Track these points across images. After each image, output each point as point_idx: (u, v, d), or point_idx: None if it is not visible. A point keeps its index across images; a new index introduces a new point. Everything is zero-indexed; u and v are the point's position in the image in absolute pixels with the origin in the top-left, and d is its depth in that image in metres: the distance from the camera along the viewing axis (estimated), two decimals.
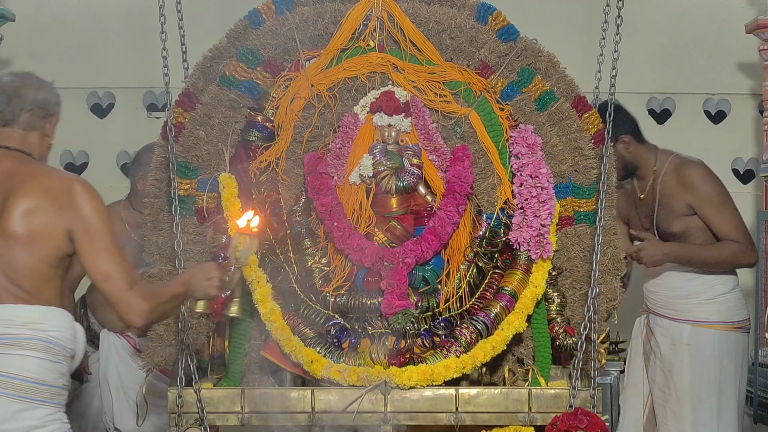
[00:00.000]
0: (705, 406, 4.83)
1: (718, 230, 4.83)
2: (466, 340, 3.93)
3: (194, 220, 4.09)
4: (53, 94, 3.58)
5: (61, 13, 7.06)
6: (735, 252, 4.83)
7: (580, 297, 4.10)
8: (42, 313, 3.32)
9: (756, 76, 6.99)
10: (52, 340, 3.31)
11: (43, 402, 3.31)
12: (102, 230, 3.34)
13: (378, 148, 4.07)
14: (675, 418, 4.86)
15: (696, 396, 4.83)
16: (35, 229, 3.31)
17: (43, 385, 3.30)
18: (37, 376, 3.29)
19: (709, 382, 4.84)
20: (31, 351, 3.29)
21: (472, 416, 3.87)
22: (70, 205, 3.32)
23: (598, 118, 4.12)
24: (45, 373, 3.31)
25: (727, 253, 4.83)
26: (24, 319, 3.31)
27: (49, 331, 3.31)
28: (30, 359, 3.29)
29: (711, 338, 4.86)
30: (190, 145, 4.08)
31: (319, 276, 4.03)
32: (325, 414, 3.85)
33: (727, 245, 4.83)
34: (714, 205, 4.82)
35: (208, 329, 4.07)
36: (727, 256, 4.83)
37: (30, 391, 3.29)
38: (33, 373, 3.29)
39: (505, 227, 4.08)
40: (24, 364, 3.28)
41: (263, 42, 4.09)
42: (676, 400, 4.85)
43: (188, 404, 3.82)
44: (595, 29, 4.09)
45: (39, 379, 3.29)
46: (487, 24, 4.11)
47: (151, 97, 7.07)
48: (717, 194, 4.83)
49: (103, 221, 3.36)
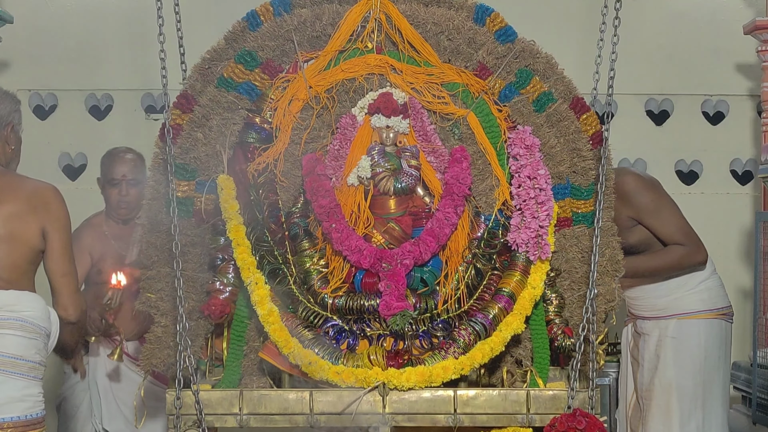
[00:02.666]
0: (690, 397, 4.83)
1: (662, 237, 4.80)
2: (464, 341, 3.93)
3: (192, 221, 4.09)
4: (7, 104, 4.04)
5: (59, 16, 7.07)
6: (681, 255, 4.80)
7: (579, 298, 4.10)
8: (17, 296, 3.81)
9: (754, 77, 7.00)
10: (26, 319, 3.78)
11: (22, 375, 3.76)
12: (68, 232, 3.95)
13: (376, 150, 4.07)
14: (661, 411, 4.86)
15: (681, 387, 4.84)
16: (15, 230, 3.84)
17: (20, 360, 3.76)
18: (14, 351, 3.75)
19: (694, 372, 4.83)
20: (9, 330, 3.75)
21: (471, 417, 3.87)
22: (45, 208, 3.88)
23: (596, 120, 4.12)
24: (21, 349, 3.76)
25: (672, 258, 4.80)
26: (1, 302, 3.77)
27: (23, 312, 3.78)
28: (8, 337, 3.75)
29: (696, 329, 4.85)
30: (188, 147, 4.08)
31: (318, 277, 4.03)
32: (324, 415, 3.85)
33: (672, 250, 4.80)
34: (651, 213, 4.78)
35: (206, 331, 4.07)
36: (673, 260, 4.80)
37: (8, 365, 3.74)
38: (11, 349, 3.75)
39: (503, 228, 4.08)
40: (3, 341, 3.74)
41: (261, 44, 4.09)
42: (662, 394, 4.86)
43: (186, 406, 3.82)
44: (593, 30, 4.09)
45: (16, 354, 3.75)
46: (485, 25, 4.11)
47: (150, 99, 7.08)
48: (651, 201, 4.78)
49: (68, 225, 3.95)
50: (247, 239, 3.99)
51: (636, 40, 6.97)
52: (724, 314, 4.92)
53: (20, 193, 3.88)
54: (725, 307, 4.94)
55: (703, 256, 4.84)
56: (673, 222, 4.81)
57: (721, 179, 7.30)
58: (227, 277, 4.02)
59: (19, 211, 3.85)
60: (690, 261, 4.83)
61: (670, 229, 4.79)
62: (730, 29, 6.93)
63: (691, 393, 4.84)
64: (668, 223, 4.80)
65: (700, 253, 4.83)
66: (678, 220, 4.83)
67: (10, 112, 4.04)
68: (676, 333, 4.86)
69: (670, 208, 4.84)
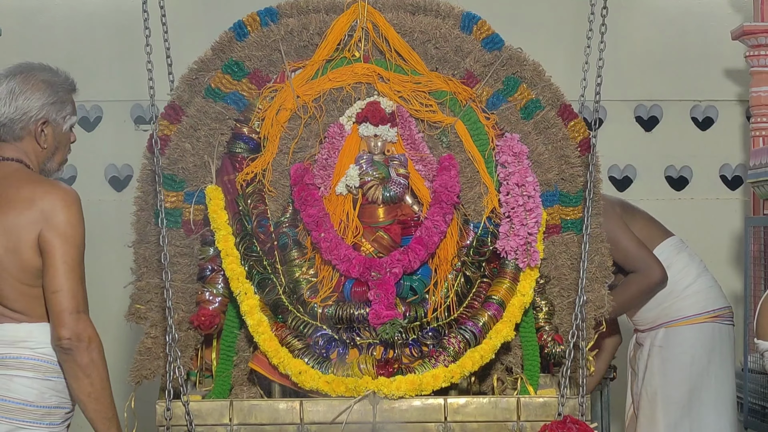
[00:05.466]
0: (676, 406, 4.78)
1: (622, 266, 4.72)
2: (454, 349, 3.93)
3: (181, 232, 4.09)
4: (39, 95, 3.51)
5: (47, 27, 7.06)
6: (637, 283, 4.71)
7: (568, 305, 4.10)
8: (28, 330, 3.32)
9: (743, 83, 7.01)
10: (40, 357, 3.31)
11: (31, 423, 3.31)
12: (70, 243, 3.35)
13: (364, 159, 4.07)
14: (647, 421, 4.83)
15: (666, 397, 4.79)
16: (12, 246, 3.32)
17: (31, 405, 3.30)
18: (24, 396, 3.29)
19: (680, 380, 4.77)
20: (18, 371, 3.29)
21: (461, 425, 3.87)
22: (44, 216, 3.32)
23: (584, 126, 4.13)
24: (33, 394, 3.29)
25: (630, 290, 4.71)
26: (11, 338, 3.30)
27: (37, 348, 3.31)
28: (16, 379, 3.29)
29: (681, 336, 4.78)
30: (176, 158, 4.07)
31: (307, 287, 4.03)
32: (314, 425, 3.84)
33: (628, 282, 4.72)
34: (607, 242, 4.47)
35: (195, 342, 4.07)
36: (632, 292, 4.72)
37: (17, 412, 3.28)
38: (19, 394, 3.29)
39: (492, 236, 4.08)
40: (9, 385, 3.29)
41: (248, 54, 4.09)
42: (648, 404, 4.83)
43: (176, 417, 3.82)
44: (580, 37, 4.10)
45: (26, 400, 3.29)
46: (472, 33, 4.12)
47: (139, 110, 7.07)
48: (607, 230, 4.32)
49: (72, 235, 3.36)
50: (236, 249, 3.99)
51: (625, 46, 6.98)
52: (717, 316, 4.82)
53: (23, 203, 3.32)
54: (718, 309, 4.83)
55: (656, 274, 4.71)
56: (626, 248, 4.67)
57: (711, 185, 7.31)
58: (216, 287, 4.02)
59: (17, 223, 3.30)
60: (648, 284, 4.72)
61: (626, 258, 4.66)
62: (719, 35, 6.94)
63: (677, 402, 4.78)
64: (623, 252, 4.65)
65: (652, 273, 4.71)
66: (631, 246, 4.69)
67: (43, 105, 3.45)
68: (663, 342, 4.82)
69: (620, 234, 4.67)
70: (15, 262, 3.29)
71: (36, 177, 3.44)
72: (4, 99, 3.46)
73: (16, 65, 3.54)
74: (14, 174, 3.40)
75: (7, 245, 3.29)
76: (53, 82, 3.50)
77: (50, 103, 3.47)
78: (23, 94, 3.46)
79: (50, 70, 3.53)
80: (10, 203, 3.32)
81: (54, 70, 3.53)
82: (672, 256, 4.82)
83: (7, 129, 3.46)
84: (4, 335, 3.31)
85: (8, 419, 3.27)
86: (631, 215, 4.84)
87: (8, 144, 3.46)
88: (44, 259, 3.28)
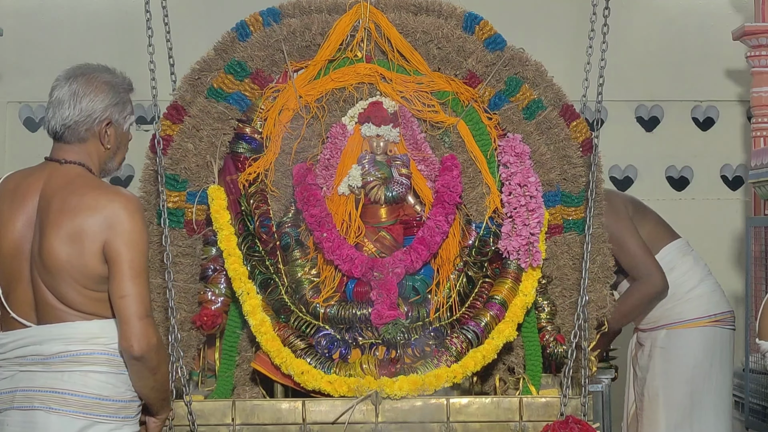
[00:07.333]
0: (678, 407, 4.78)
1: (626, 270, 4.71)
2: (456, 349, 3.93)
3: (184, 232, 4.09)
4: (103, 97, 3.49)
5: (49, 27, 7.07)
6: (639, 290, 4.71)
7: (570, 305, 4.10)
8: (100, 326, 3.31)
9: (743, 83, 7.02)
10: (112, 351, 3.30)
11: (108, 417, 3.30)
12: (135, 248, 3.31)
13: (367, 159, 4.07)
14: (649, 422, 4.83)
15: (668, 398, 4.79)
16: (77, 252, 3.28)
17: (106, 400, 3.30)
18: (99, 391, 3.29)
19: (682, 382, 4.78)
20: (92, 366, 3.29)
21: (464, 425, 3.87)
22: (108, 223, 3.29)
23: (586, 127, 4.13)
24: (108, 388, 3.30)
25: (631, 300, 4.71)
26: (84, 334, 3.30)
27: (110, 344, 3.31)
28: (91, 375, 3.29)
29: (684, 338, 4.79)
30: (178, 158, 4.08)
31: (309, 287, 4.03)
32: (316, 425, 3.85)
33: (632, 289, 4.72)
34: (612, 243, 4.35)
35: (198, 342, 4.07)
36: (635, 299, 4.72)
37: (93, 407, 3.28)
38: (95, 389, 3.29)
39: (494, 236, 4.08)
40: (85, 380, 3.28)
41: (251, 54, 4.10)
42: (649, 405, 4.83)
43: (179, 417, 3.81)
44: (582, 37, 4.10)
45: (101, 395, 3.29)
46: (474, 34, 4.12)
47: (140, 110, 7.06)
48: (610, 233, 4.29)
49: (136, 240, 3.31)
50: (239, 249, 3.99)
51: (626, 46, 6.99)
52: (718, 321, 4.82)
53: (87, 211, 3.28)
54: (720, 314, 4.84)
55: (658, 284, 4.70)
56: (625, 252, 4.64)
57: (712, 185, 7.32)
58: (219, 287, 4.02)
59: (81, 230, 3.26)
60: (648, 294, 4.71)
61: (623, 259, 4.63)
62: (720, 35, 6.95)
63: (678, 403, 4.78)
64: (627, 259, 4.65)
65: (654, 281, 4.70)
66: (634, 253, 4.67)
67: (106, 106, 3.44)
68: (665, 343, 4.82)
69: (625, 240, 4.64)
70: (79, 268, 3.27)
71: (99, 183, 3.42)
72: (68, 102, 3.44)
73: (75, 67, 3.51)
74: (77, 180, 3.37)
75: (71, 252, 3.27)
76: (114, 83, 3.49)
77: (113, 104, 3.46)
78: (87, 96, 3.43)
79: (109, 71, 3.52)
80: (74, 210, 3.29)
81: (112, 70, 3.53)
82: (677, 259, 4.83)
83: (72, 131, 3.44)
84: (76, 332, 3.30)
85: (85, 414, 3.27)
86: (641, 215, 4.85)
87: (70, 146, 3.44)
88: (110, 266, 3.27)
